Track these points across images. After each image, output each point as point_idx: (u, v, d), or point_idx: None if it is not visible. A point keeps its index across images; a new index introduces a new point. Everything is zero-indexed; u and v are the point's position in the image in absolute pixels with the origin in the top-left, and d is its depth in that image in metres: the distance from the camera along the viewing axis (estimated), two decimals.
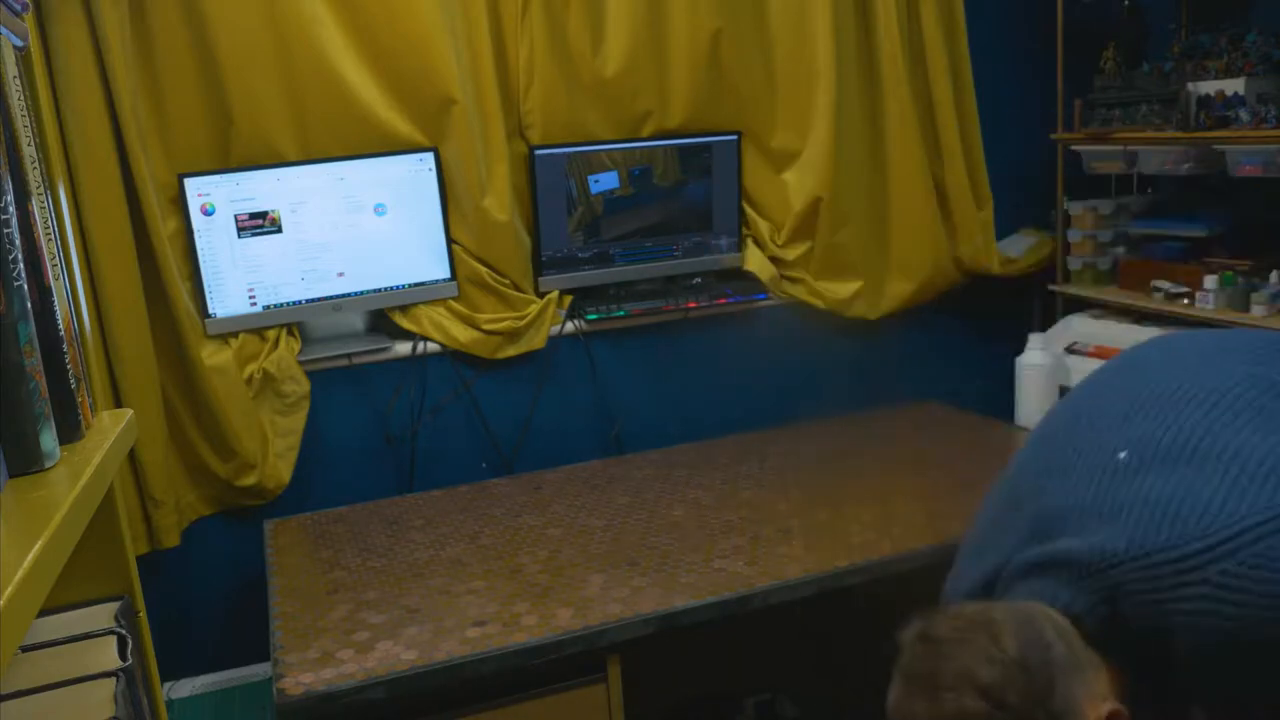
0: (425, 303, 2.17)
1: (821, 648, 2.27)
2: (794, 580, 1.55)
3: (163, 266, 1.92)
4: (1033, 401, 2.32)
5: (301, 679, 1.34)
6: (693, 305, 2.35)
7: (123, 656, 0.80)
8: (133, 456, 1.89)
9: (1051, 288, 2.55)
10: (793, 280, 2.44)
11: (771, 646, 2.24)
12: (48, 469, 0.70)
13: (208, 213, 1.98)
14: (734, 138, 2.35)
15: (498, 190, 2.14)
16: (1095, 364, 2.30)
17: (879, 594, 1.92)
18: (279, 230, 2.04)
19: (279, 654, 1.41)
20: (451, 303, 2.18)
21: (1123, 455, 0.89)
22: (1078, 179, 2.49)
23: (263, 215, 2.02)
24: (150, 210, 1.89)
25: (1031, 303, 2.67)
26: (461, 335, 2.17)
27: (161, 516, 1.97)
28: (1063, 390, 2.36)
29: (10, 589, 0.49)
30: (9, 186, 0.68)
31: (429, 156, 2.12)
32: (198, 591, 2.10)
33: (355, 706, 1.34)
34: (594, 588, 1.56)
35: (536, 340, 2.23)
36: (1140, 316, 2.34)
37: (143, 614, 0.93)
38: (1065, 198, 2.49)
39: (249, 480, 2.04)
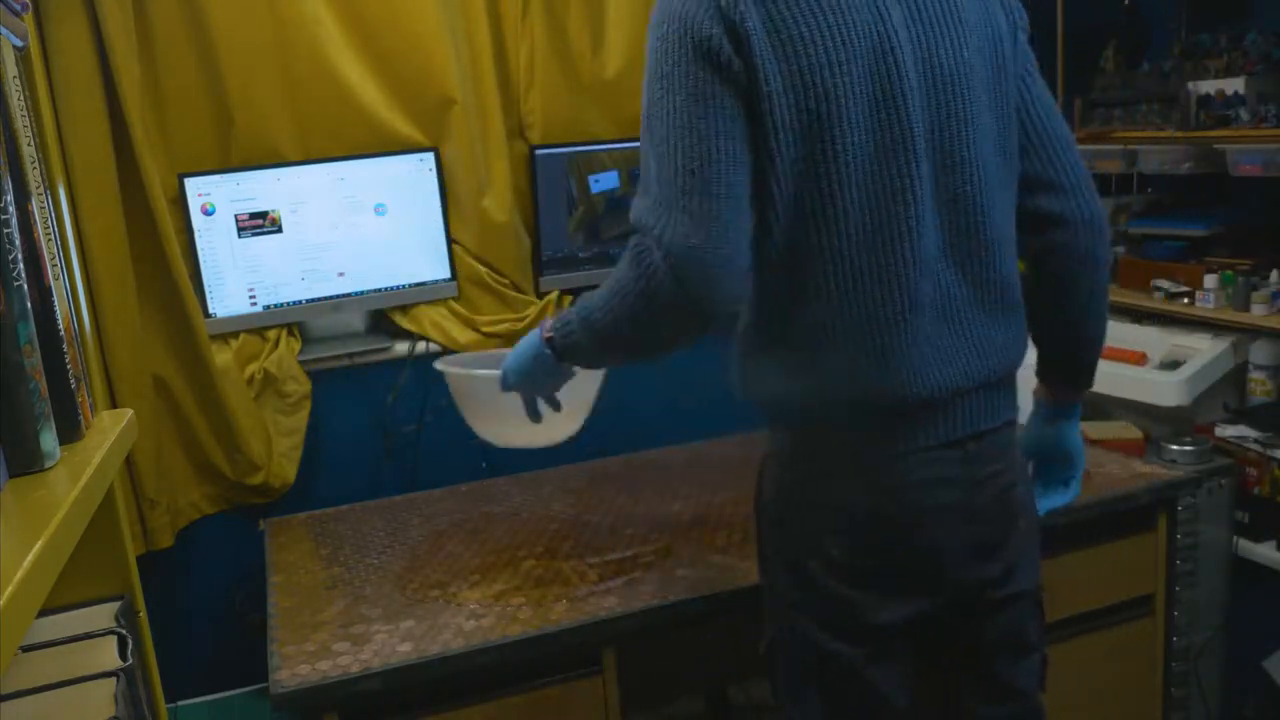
0: (425, 303, 2.17)
1: None
2: None
3: (174, 268, 1.92)
4: (1033, 401, 2.32)
5: (297, 670, 1.34)
6: None
7: (123, 656, 0.80)
8: (127, 457, 1.89)
9: None
10: None
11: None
12: (48, 469, 0.70)
13: (208, 213, 1.99)
14: None
15: (498, 190, 2.14)
16: None
17: None
18: (279, 230, 2.04)
19: (275, 647, 1.42)
20: (452, 303, 2.18)
21: None
22: None
23: (263, 215, 2.02)
24: (160, 212, 1.89)
25: None
26: (461, 337, 2.18)
27: (156, 517, 1.97)
28: None
29: (10, 589, 0.49)
30: (9, 186, 0.68)
31: (429, 156, 2.12)
32: (195, 594, 2.10)
33: (351, 698, 1.35)
34: (590, 581, 1.56)
35: None
36: (1140, 316, 2.34)
37: (143, 614, 0.94)
38: None
39: (256, 479, 2.04)
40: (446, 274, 2.17)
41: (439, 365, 1.68)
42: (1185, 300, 2.19)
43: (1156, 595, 1.86)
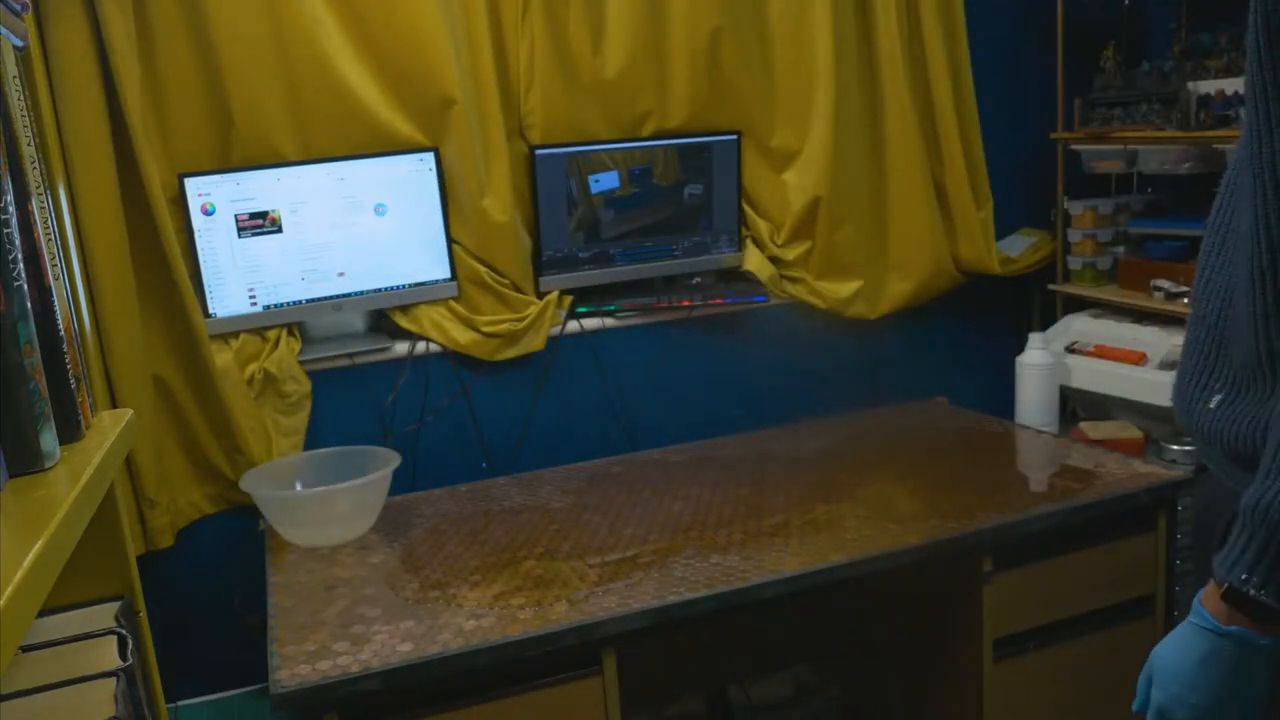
0: (425, 303, 2.17)
1: (818, 639, 2.27)
2: (789, 574, 1.55)
3: (174, 268, 1.92)
4: (1033, 401, 2.32)
5: (297, 670, 1.34)
6: (686, 303, 2.35)
7: (123, 656, 0.80)
8: (127, 457, 1.89)
9: (1051, 287, 2.55)
10: (792, 280, 2.44)
11: (767, 638, 2.24)
12: (48, 469, 0.71)
13: (208, 213, 1.99)
14: (734, 138, 2.35)
15: (498, 190, 2.14)
16: (1095, 364, 2.31)
17: (875, 588, 1.93)
18: (279, 230, 2.04)
19: (275, 647, 1.42)
20: (452, 303, 2.18)
21: None
22: (1078, 178, 2.49)
23: (263, 215, 2.02)
24: (160, 212, 1.89)
25: (1031, 302, 2.68)
26: (461, 336, 2.18)
27: (156, 517, 1.97)
28: (1063, 390, 2.37)
29: (10, 589, 0.49)
30: (9, 186, 0.68)
31: (429, 156, 2.12)
32: (195, 593, 2.10)
33: (351, 698, 1.35)
34: (590, 581, 1.56)
35: (535, 343, 2.23)
36: (1140, 316, 2.34)
37: (143, 614, 0.94)
38: (1065, 197, 2.49)
39: None
40: (446, 274, 2.17)
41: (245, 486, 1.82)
42: (1185, 300, 2.19)
43: (1156, 595, 1.86)
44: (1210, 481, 1.03)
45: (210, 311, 2.01)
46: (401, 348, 2.18)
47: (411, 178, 2.11)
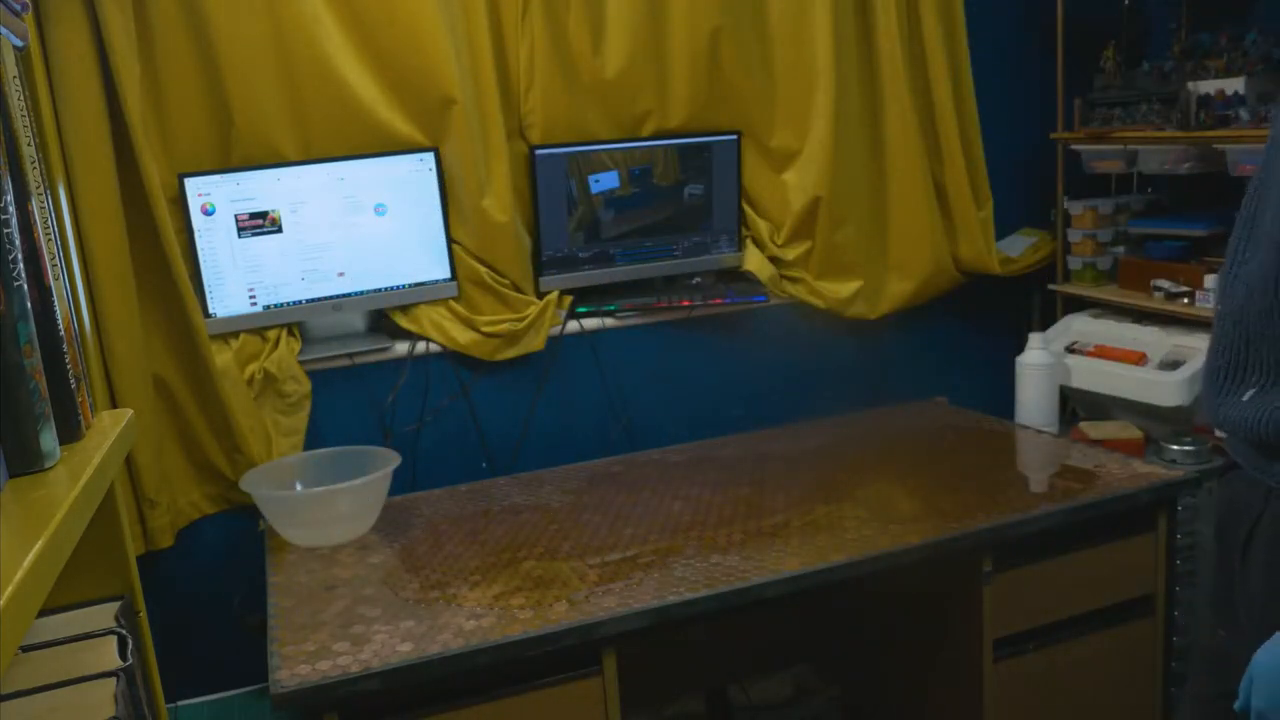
0: (425, 303, 2.17)
1: (818, 639, 2.28)
2: (789, 574, 1.55)
3: (174, 268, 1.92)
4: (1033, 401, 2.32)
5: (297, 670, 1.34)
6: (686, 303, 2.35)
7: (123, 656, 0.80)
8: (127, 457, 1.89)
9: (1051, 287, 2.55)
10: (792, 280, 2.44)
11: (767, 638, 2.24)
12: (48, 469, 0.71)
13: (208, 213, 1.99)
14: (734, 138, 2.35)
15: (498, 190, 2.14)
16: (1095, 364, 2.31)
17: (875, 588, 1.93)
18: (279, 230, 2.04)
19: (275, 647, 1.42)
20: (452, 303, 2.18)
21: None
22: (1078, 178, 2.49)
23: (263, 215, 2.02)
24: (160, 212, 1.89)
25: (1031, 302, 2.68)
26: (461, 336, 2.18)
27: (156, 517, 1.97)
28: (1063, 390, 2.37)
29: (10, 589, 0.49)
30: (9, 186, 0.68)
31: (429, 156, 2.12)
32: (195, 593, 2.10)
33: (351, 698, 1.35)
34: (590, 581, 1.56)
35: (535, 343, 2.23)
36: (1140, 316, 2.34)
37: (143, 614, 0.94)
38: (1065, 197, 2.49)
39: None
40: (446, 274, 2.17)
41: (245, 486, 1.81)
42: (1185, 300, 2.19)
43: (1156, 595, 1.86)
44: (1235, 479, 1.03)
45: (210, 311, 2.01)
46: (401, 348, 2.18)
47: (411, 178, 2.11)
